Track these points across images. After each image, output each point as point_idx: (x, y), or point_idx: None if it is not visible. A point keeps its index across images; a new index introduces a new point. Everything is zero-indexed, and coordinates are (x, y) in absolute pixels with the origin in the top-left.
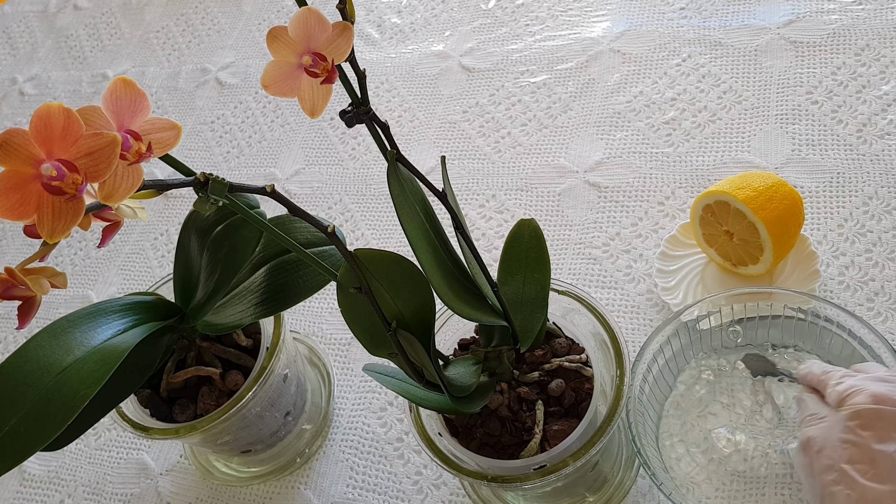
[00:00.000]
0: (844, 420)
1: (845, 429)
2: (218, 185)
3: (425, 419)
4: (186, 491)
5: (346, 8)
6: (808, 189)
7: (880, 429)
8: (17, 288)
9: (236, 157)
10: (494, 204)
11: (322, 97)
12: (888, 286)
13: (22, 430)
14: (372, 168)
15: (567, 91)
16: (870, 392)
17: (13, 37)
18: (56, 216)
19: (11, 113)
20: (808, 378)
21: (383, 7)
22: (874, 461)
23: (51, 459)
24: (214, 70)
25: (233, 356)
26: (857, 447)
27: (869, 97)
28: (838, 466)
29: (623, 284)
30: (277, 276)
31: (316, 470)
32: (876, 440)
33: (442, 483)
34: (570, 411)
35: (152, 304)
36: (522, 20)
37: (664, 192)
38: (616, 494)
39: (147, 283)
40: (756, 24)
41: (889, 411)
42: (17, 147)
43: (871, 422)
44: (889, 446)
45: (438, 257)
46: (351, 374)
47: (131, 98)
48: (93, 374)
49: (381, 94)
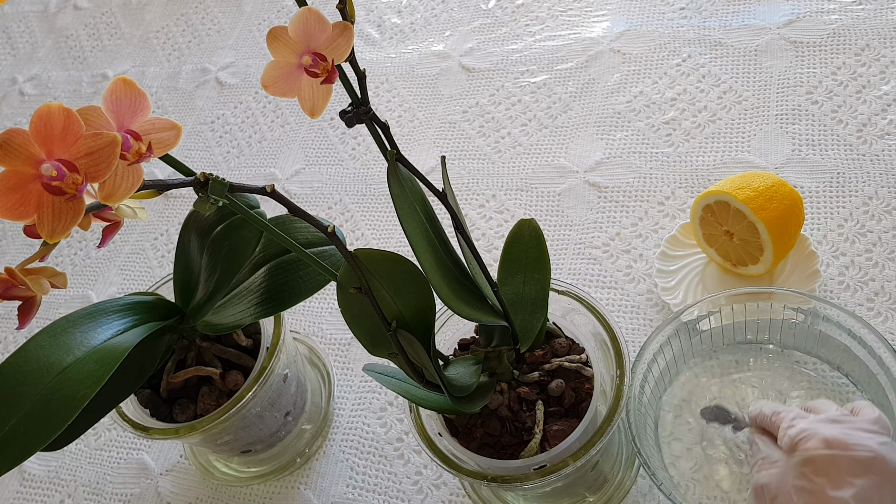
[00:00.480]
0: (798, 466)
1: (799, 475)
2: (218, 185)
3: (425, 419)
4: (186, 491)
5: (346, 8)
6: (808, 189)
7: (834, 474)
8: (17, 288)
9: (236, 157)
10: (494, 204)
11: (322, 97)
12: (888, 286)
13: (22, 430)
14: (372, 168)
15: (567, 91)
16: (821, 437)
17: (13, 37)
18: (56, 216)
19: (11, 113)
20: (758, 419)
21: (383, 7)
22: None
23: (51, 459)
24: (214, 70)
25: (233, 356)
26: (811, 494)
27: (869, 97)
28: None
29: (623, 284)
30: (277, 276)
31: (316, 470)
32: (830, 486)
33: (442, 483)
34: (570, 411)
35: (152, 304)
36: (522, 20)
37: (664, 192)
38: (616, 494)
39: (147, 283)
40: (756, 24)
41: (842, 456)
42: (17, 147)
43: (825, 468)
44: (844, 492)
45: (438, 257)
46: (351, 374)
47: (131, 98)
48: (93, 374)
49: (381, 94)
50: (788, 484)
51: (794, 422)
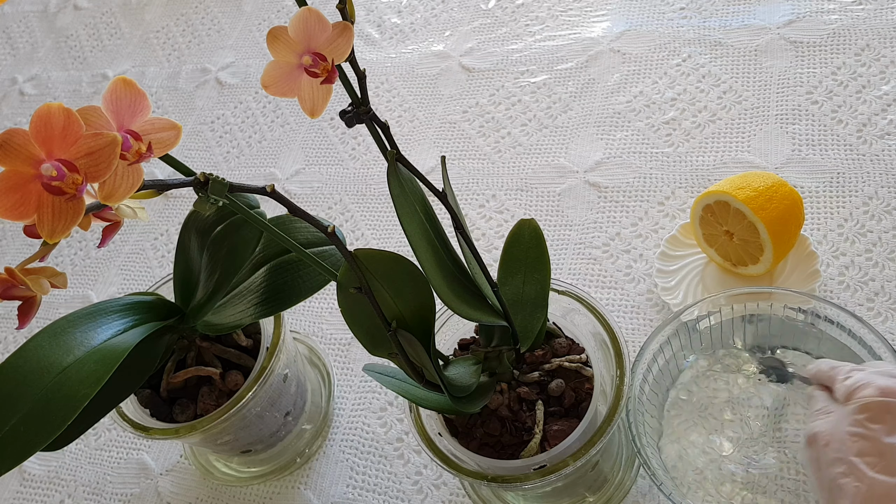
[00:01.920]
0: (853, 413)
1: (854, 422)
2: (218, 185)
3: (425, 419)
4: (186, 491)
5: (346, 8)
6: (808, 189)
7: (889, 421)
8: (17, 288)
9: (236, 157)
10: (494, 204)
11: (322, 97)
12: (888, 286)
13: (22, 430)
14: (372, 168)
15: (567, 91)
16: (878, 385)
17: (13, 37)
18: (56, 216)
19: (11, 113)
20: (817, 375)
21: (383, 7)
22: (883, 454)
23: (51, 459)
24: (214, 70)
25: (233, 356)
26: (866, 440)
27: (869, 97)
28: (847, 459)
29: (623, 284)
30: (277, 276)
31: (316, 470)
32: (885, 433)
33: (442, 483)
34: (570, 411)
35: (152, 304)
36: (522, 20)
37: (664, 192)
38: (616, 494)
39: (147, 283)
40: (756, 24)
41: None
42: (17, 147)
43: (880, 414)
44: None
45: (438, 257)
46: (351, 374)
47: (131, 98)
48: (93, 374)
49: (381, 94)
50: (843, 430)
51: (851, 373)
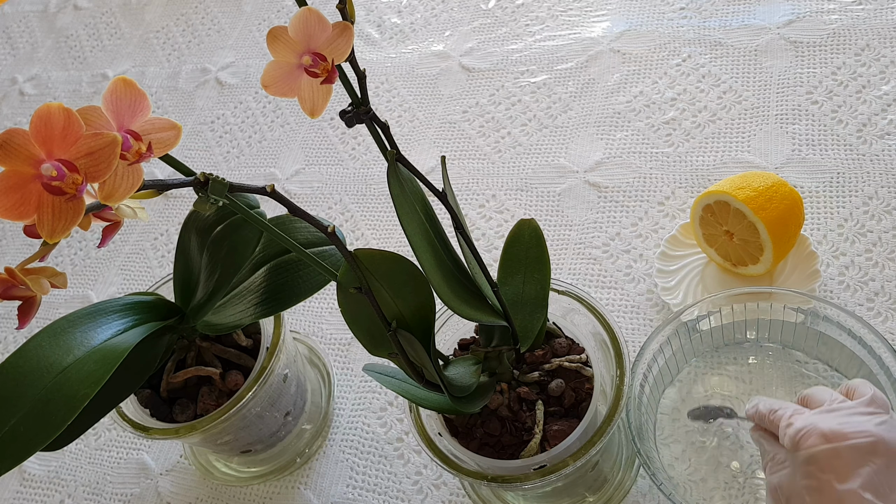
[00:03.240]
0: (803, 465)
1: (805, 474)
2: (218, 185)
3: (425, 419)
4: (186, 491)
5: (346, 8)
6: (808, 189)
7: (839, 467)
8: (17, 288)
9: (236, 157)
10: (494, 204)
11: (322, 97)
12: (888, 286)
13: (22, 430)
14: (372, 168)
15: (567, 91)
16: (819, 432)
17: (13, 37)
18: (56, 216)
19: (11, 113)
20: (756, 418)
21: (383, 7)
22: (842, 500)
23: (51, 459)
24: (214, 70)
25: (233, 356)
26: (820, 493)
27: (869, 97)
28: None
29: (623, 284)
30: (277, 276)
31: (316, 470)
32: (837, 480)
33: (442, 483)
34: (570, 411)
35: (152, 304)
36: (522, 20)
37: (664, 192)
38: (616, 494)
39: (147, 283)
40: (756, 24)
41: (843, 447)
42: (17, 147)
43: (829, 462)
44: (852, 483)
45: (438, 257)
46: (351, 374)
47: (131, 98)
48: (93, 374)
49: (381, 94)
50: (798, 485)
51: (792, 419)
